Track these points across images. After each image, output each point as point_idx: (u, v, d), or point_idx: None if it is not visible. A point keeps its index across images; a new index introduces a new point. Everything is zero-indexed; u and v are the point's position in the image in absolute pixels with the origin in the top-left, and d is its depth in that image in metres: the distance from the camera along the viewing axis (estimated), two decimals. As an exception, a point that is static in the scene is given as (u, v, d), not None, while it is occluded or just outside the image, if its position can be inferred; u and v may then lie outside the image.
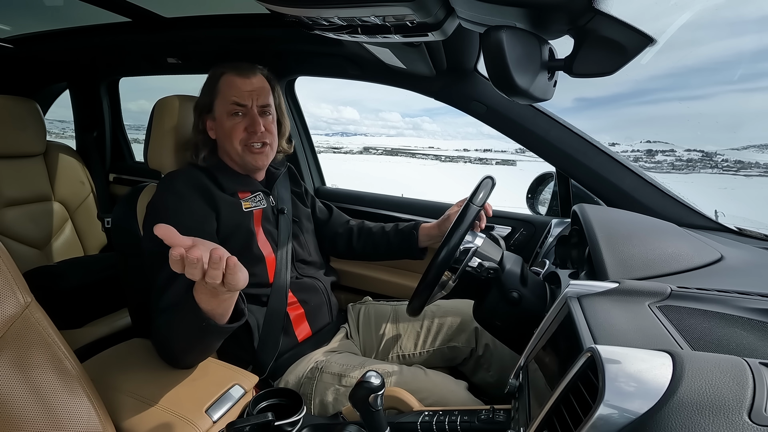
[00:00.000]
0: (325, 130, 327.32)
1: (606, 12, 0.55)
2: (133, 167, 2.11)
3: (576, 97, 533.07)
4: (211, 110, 0.98)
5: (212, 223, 0.89)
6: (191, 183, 0.90)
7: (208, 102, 0.98)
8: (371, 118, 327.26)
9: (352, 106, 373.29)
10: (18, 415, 0.54)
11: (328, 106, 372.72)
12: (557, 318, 0.59)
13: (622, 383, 0.37)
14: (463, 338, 1.06)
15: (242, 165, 1.00)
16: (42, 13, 1.43)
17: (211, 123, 0.99)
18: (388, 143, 34.81)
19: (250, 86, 0.96)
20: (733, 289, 0.58)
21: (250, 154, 0.97)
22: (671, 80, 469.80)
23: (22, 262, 1.51)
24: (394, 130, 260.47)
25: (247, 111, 0.96)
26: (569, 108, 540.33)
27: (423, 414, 0.71)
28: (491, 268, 0.81)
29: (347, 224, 1.24)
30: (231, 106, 0.95)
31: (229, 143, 0.96)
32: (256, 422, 0.66)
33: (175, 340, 0.75)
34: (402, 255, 1.16)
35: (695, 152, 21.12)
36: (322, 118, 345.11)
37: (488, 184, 0.86)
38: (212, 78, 0.98)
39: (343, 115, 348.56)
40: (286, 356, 0.97)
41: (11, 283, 0.60)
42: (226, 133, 0.96)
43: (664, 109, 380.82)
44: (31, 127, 1.60)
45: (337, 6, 0.68)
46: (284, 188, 1.11)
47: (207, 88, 0.99)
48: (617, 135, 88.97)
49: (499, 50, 0.54)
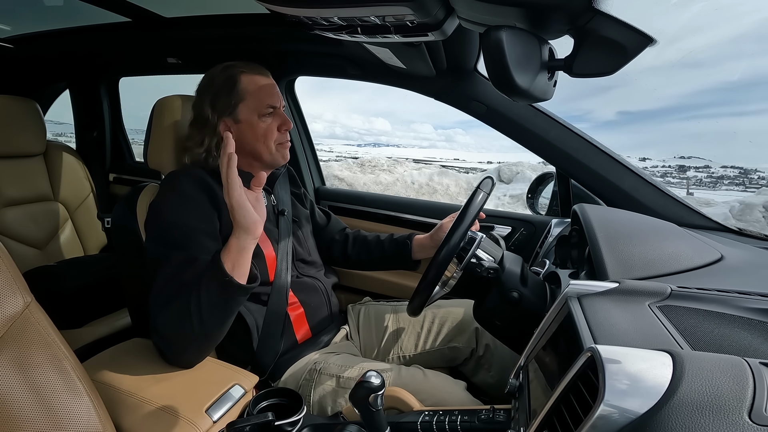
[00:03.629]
0: (357, 140, 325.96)
1: (606, 12, 0.55)
2: (133, 167, 2.11)
3: (619, 110, 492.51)
4: (233, 112, 0.94)
5: (215, 222, 0.89)
6: (194, 182, 0.90)
7: (230, 104, 0.94)
8: (403, 129, 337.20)
9: (384, 117, 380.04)
10: (18, 414, 0.54)
11: (360, 117, 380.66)
12: (557, 318, 0.59)
13: (622, 383, 0.37)
14: (464, 338, 1.06)
15: (270, 163, 0.99)
16: (42, 13, 1.43)
17: (231, 125, 0.95)
18: (411, 154, 34.73)
19: (273, 86, 0.97)
20: (733, 289, 0.58)
21: (283, 150, 0.98)
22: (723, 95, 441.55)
23: (22, 262, 1.51)
24: (427, 141, 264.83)
25: (277, 111, 0.96)
26: (612, 121, 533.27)
27: (423, 414, 0.71)
28: (491, 268, 0.81)
29: (343, 231, 1.25)
30: (265, 108, 0.94)
31: (262, 144, 0.95)
32: (256, 422, 0.66)
33: (190, 324, 0.74)
34: (396, 264, 1.16)
35: (731, 169, 20.76)
36: (354, 129, 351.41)
37: (488, 184, 0.86)
38: (228, 79, 0.94)
39: (375, 126, 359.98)
40: (286, 357, 0.97)
41: (11, 283, 0.60)
42: (259, 135, 0.94)
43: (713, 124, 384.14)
44: (31, 127, 1.60)
45: (337, 6, 0.68)
46: (284, 190, 1.11)
47: (225, 90, 0.94)
48: (660, 150, 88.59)
49: (499, 50, 0.54)
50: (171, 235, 0.82)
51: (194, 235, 0.83)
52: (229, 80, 0.94)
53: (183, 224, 0.83)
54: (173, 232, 0.82)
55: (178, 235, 0.82)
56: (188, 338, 0.76)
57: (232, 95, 0.93)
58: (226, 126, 0.95)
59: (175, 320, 0.75)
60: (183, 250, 0.80)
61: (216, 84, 0.95)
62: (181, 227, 0.83)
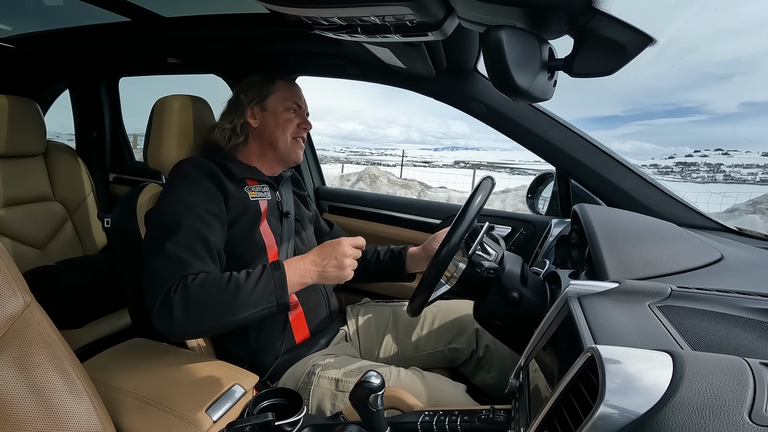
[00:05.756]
0: (434, 144, 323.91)
1: (606, 12, 0.55)
2: (133, 167, 2.11)
3: (743, 101, 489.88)
4: (262, 101, 1.06)
5: (221, 207, 0.91)
6: (201, 168, 0.92)
7: (262, 94, 1.06)
8: (482, 131, 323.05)
9: (462, 119, 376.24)
10: (18, 415, 0.54)
11: (436, 120, 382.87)
12: (557, 318, 0.59)
13: (622, 383, 0.36)
14: (464, 339, 1.06)
15: (284, 155, 1.06)
16: (42, 13, 1.43)
17: (258, 112, 1.05)
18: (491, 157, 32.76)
19: (302, 94, 1.11)
20: (733, 289, 0.58)
21: (297, 147, 1.07)
22: None
23: (22, 262, 1.51)
24: (510, 143, 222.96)
25: (300, 111, 1.08)
26: (734, 114, 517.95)
27: (423, 414, 0.71)
28: (491, 268, 0.81)
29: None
30: (291, 104, 1.06)
31: (281, 133, 1.04)
32: (256, 422, 0.66)
33: (225, 306, 0.77)
34: (390, 277, 1.16)
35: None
36: (430, 133, 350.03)
37: (487, 185, 0.86)
38: (268, 78, 1.08)
39: (452, 129, 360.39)
40: (285, 358, 0.97)
41: (11, 283, 0.60)
42: (280, 123, 1.04)
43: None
44: (31, 127, 1.60)
45: (337, 6, 0.68)
46: (288, 192, 1.12)
47: (259, 84, 1.07)
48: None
49: (499, 50, 0.54)
50: (180, 209, 0.85)
51: (203, 215, 0.86)
52: (267, 80, 1.08)
53: (192, 202, 0.87)
54: (183, 208, 0.85)
55: (188, 211, 0.85)
56: (217, 311, 0.76)
57: (265, 89, 1.06)
58: (253, 112, 1.05)
59: (209, 288, 0.77)
60: (195, 222, 0.83)
61: (255, 79, 1.08)
62: (191, 204, 0.86)
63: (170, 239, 0.80)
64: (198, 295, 0.75)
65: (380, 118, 22.53)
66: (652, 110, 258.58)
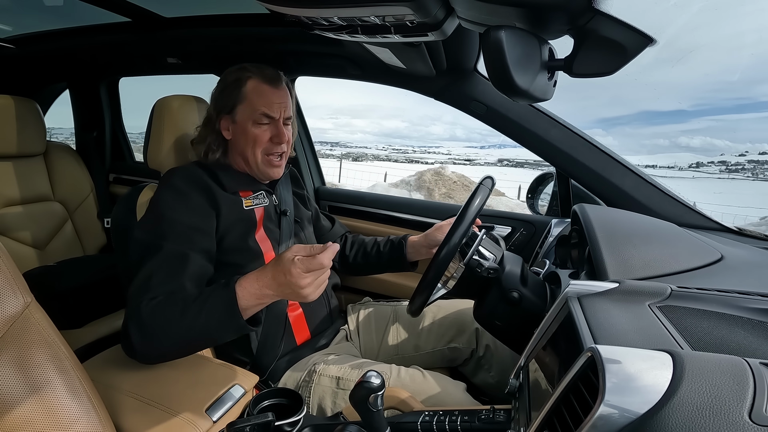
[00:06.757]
0: (480, 142, 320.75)
1: (606, 12, 0.55)
2: (133, 167, 2.11)
3: None
4: (231, 111, 0.96)
5: (211, 222, 0.89)
6: (192, 180, 0.90)
7: (230, 103, 0.95)
8: None
9: None
10: (18, 414, 0.54)
11: None
12: (557, 318, 0.59)
13: (622, 383, 0.37)
14: (464, 339, 1.06)
15: (257, 174, 1.00)
16: (42, 13, 1.44)
17: (229, 123, 0.97)
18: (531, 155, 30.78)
19: (278, 98, 0.95)
20: (733, 289, 0.58)
21: (270, 167, 0.98)
22: None
23: (22, 262, 1.51)
24: None
25: (273, 121, 0.96)
26: None
27: (423, 414, 0.71)
28: (491, 268, 0.81)
29: (344, 235, 1.26)
30: (259, 116, 0.94)
31: (250, 150, 0.96)
32: (256, 422, 0.65)
33: (177, 329, 0.72)
34: (392, 267, 1.16)
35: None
36: (476, 130, 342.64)
37: (488, 184, 0.86)
38: (236, 80, 0.95)
39: None
40: (285, 358, 0.97)
41: (11, 283, 0.60)
42: (249, 140, 0.95)
43: None
44: (31, 127, 1.60)
45: (337, 6, 0.68)
46: (286, 190, 1.11)
47: (229, 89, 0.96)
48: None
49: (499, 50, 0.54)
50: (162, 228, 0.82)
51: (186, 231, 0.83)
52: (236, 81, 0.95)
53: (176, 219, 0.84)
54: (165, 226, 0.83)
55: (171, 229, 0.82)
56: (169, 336, 0.73)
57: (234, 95, 0.95)
58: (225, 124, 0.97)
59: (161, 312, 0.73)
60: (175, 243, 0.81)
61: (225, 82, 0.97)
62: (174, 222, 0.83)
63: (146, 261, 0.79)
64: (149, 318, 0.73)
65: (423, 115, 21.98)
66: (722, 105, 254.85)
